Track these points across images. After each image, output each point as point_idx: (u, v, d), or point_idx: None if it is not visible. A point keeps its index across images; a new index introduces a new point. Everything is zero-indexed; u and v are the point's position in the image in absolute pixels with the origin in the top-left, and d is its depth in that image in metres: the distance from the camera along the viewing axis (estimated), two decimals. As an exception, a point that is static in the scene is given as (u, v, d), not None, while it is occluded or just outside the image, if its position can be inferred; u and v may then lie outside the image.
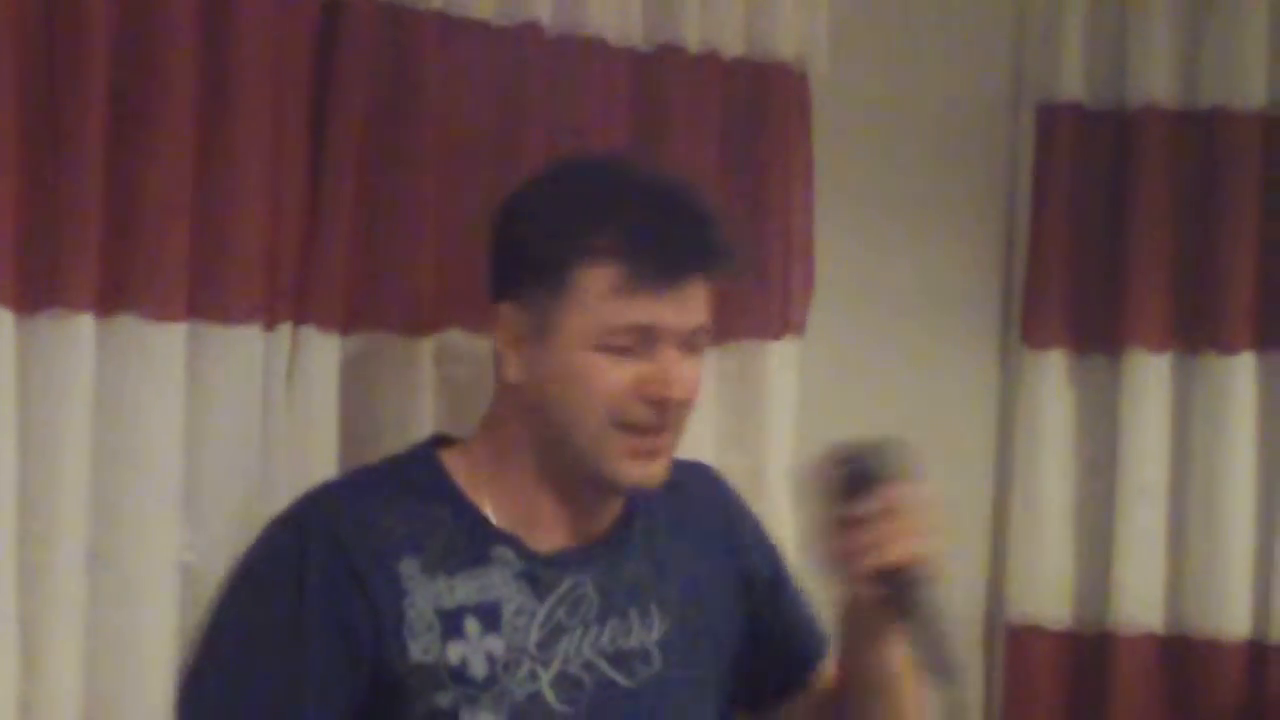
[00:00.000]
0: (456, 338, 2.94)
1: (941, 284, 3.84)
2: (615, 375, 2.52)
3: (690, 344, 2.56)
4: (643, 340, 2.54)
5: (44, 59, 2.53)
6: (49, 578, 2.55)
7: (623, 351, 2.54)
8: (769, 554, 2.86)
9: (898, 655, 2.59)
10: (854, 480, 2.53)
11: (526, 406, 2.59)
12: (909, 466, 2.57)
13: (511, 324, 2.55)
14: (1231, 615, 3.70)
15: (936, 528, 2.53)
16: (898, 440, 2.60)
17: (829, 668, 2.79)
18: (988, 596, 3.88)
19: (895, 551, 2.48)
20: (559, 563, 2.64)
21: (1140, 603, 3.72)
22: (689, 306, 2.56)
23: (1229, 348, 3.66)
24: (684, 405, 2.56)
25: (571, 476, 2.61)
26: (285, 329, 2.78)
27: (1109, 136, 3.78)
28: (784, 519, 3.21)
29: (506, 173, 2.87)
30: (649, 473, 2.59)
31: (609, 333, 2.53)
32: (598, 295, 2.53)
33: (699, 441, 2.99)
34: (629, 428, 2.53)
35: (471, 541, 2.59)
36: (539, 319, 2.55)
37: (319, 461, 2.82)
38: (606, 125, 3.11)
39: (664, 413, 2.54)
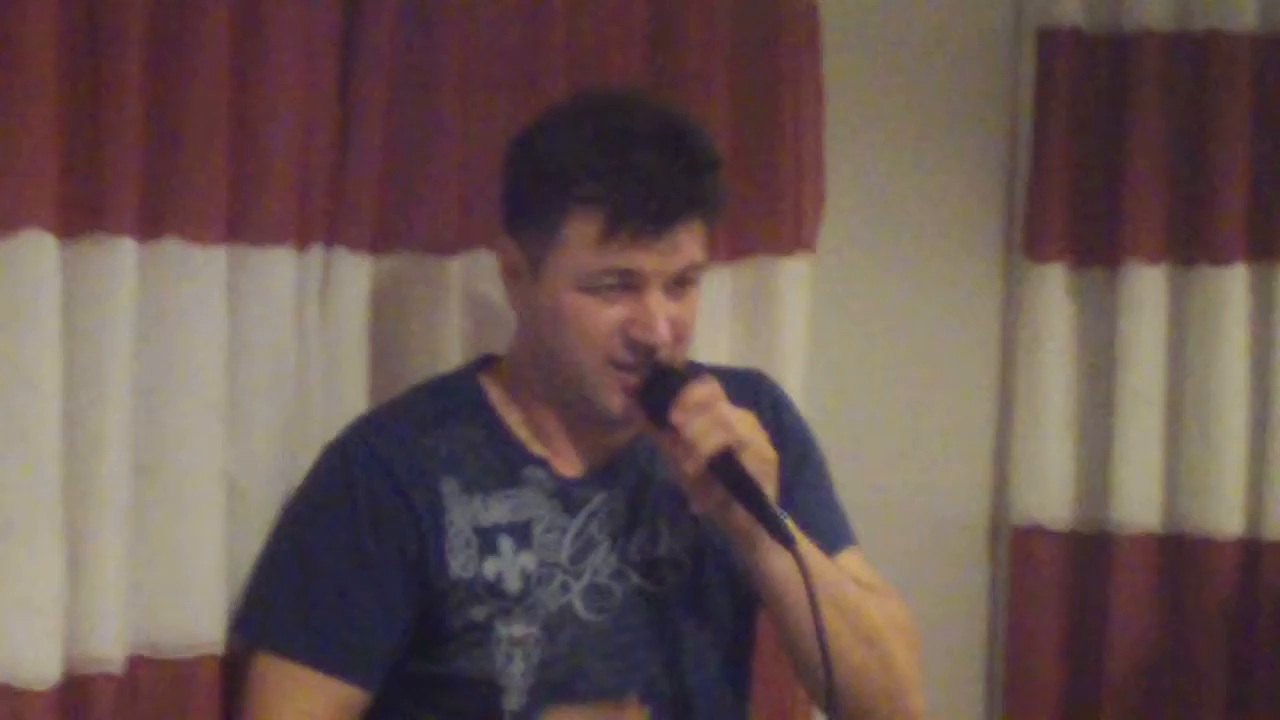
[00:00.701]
0: (484, 257, 2.91)
1: (947, 202, 3.84)
2: (603, 316, 2.55)
3: (679, 281, 2.58)
4: (626, 283, 2.56)
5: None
6: (96, 488, 2.56)
7: (609, 292, 2.56)
8: (793, 451, 2.82)
9: (774, 561, 2.60)
10: (654, 409, 2.57)
11: (531, 337, 2.65)
12: (686, 374, 2.59)
13: (510, 258, 2.61)
14: (1225, 514, 3.69)
15: (728, 415, 2.54)
16: (670, 363, 2.63)
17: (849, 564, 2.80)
18: (993, 500, 3.89)
19: (706, 446, 2.49)
20: (589, 481, 2.67)
21: (1138, 503, 3.72)
22: (674, 250, 2.58)
23: (1222, 259, 3.66)
24: (671, 345, 2.58)
25: (574, 404, 2.64)
26: (318, 250, 2.78)
27: (1106, 59, 3.76)
28: None
29: (527, 98, 2.90)
30: (624, 401, 2.63)
31: (592, 276, 2.56)
32: (581, 240, 2.56)
33: (715, 354, 3.04)
34: (620, 365, 2.56)
35: (505, 463, 2.63)
36: (533, 255, 2.59)
37: (351, 378, 2.85)
38: (624, 54, 3.10)
39: (650, 354, 2.56)
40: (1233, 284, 3.66)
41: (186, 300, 2.63)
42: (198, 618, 2.65)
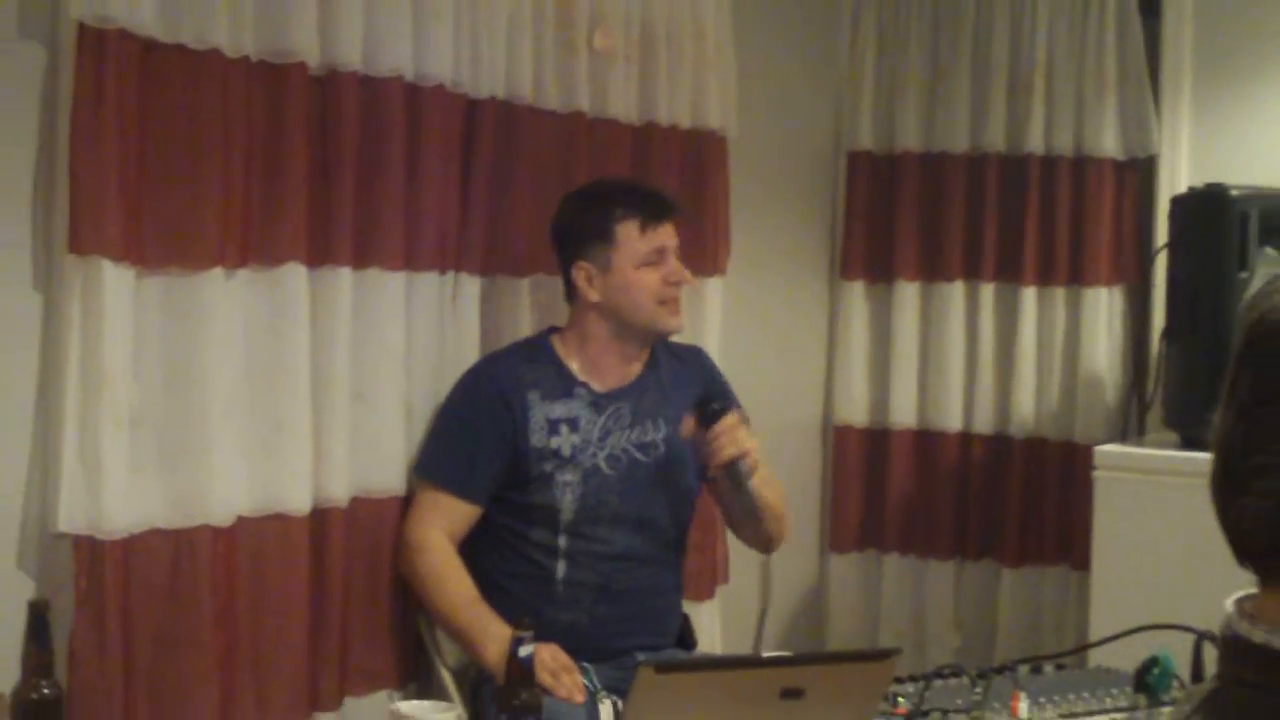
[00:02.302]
0: (542, 278, 3.63)
1: (798, 247, 4.87)
2: (653, 277, 3.29)
3: (679, 255, 3.34)
4: (659, 256, 3.29)
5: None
6: (332, 404, 3.13)
7: (651, 264, 3.28)
8: (724, 392, 3.54)
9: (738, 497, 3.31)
10: (706, 419, 3.25)
11: (608, 310, 3.31)
12: (730, 410, 3.25)
13: (586, 271, 3.32)
14: (951, 415, 4.72)
15: (744, 440, 3.21)
16: (724, 399, 3.30)
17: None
18: (823, 411, 4.93)
19: (723, 454, 3.22)
20: (611, 395, 3.37)
21: (904, 411, 4.76)
22: (672, 235, 3.32)
23: (949, 277, 4.69)
24: (683, 283, 3.34)
25: (633, 340, 3.33)
26: (450, 274, 3.44)
27: (885, 168, 4.74)
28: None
29: (562, 186, 3.55)
30: (679, 321, 3.39)
31: (642, 256, 3.28)
32: (629, 237, 3.27)
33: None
34: (663, 302, 3.30)
35: (563, 384, 3.35)
36: (603, 262, 3.29)
37: (468, 347, 3.49)
38: (619, 161, 3.81)
39: (678, 287, 3.32)
40: (953, 295, 4.69)
41: (379, 305, 3.23)
42: (389, 476, 3.30)
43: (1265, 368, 1.36)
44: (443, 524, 3.26)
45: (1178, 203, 4.17)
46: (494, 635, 3.09)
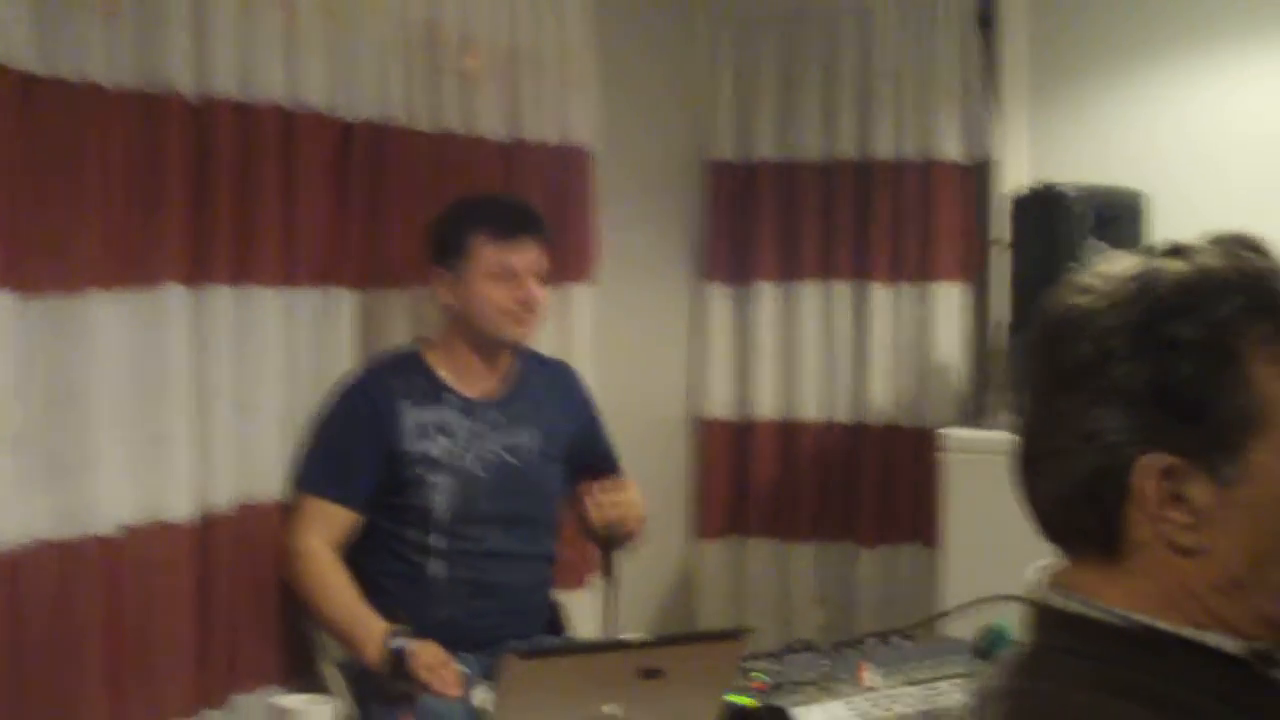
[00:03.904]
0: (417, 290, 3.60)
1: (662, 254, 4.88)
2: (501, 291, 3.28)
3: (537, 275, 3.32)
4: (508, 272, 3.27)
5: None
6: (212, 420, 3.13)
7: (500, 279, 3.27)
8: (591, 411, 3.61)
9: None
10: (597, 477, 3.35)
11: (460, 317, 3.32)
12: (620, 476, 3.37)
13: (443, 278, 3.32)
14: (810, 406, 4.71)
15: (636, 508, 3.29)
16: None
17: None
18: (690, 406, 4.92)
19: (608, 516, 3.31)
20: (480, 401, 3.37)
21: (767, 404, 4.78)
22: (529, 255, 3.31)
23: (805, 277, 4.70)
24: (533, 303, 3.31)
25: (487, 347, 3.32)
26: (328, 290, 3.43)
27: (742, 176, 4.76)
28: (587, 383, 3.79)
29: (437, 203, 3.51)
30: (524, 331, 3.36)
31: (491, 271, 3.27)
32: (481, 251, 3.27)
33: (540, 337, 3.60)
34: (507, 312, 3.28)
35: (433, 390, 3.34)
36: (457, 272, 3.30)
37: (347, 358, 3.49)
38: (489, 179, 3.80)
39: (523, 305, 3.28)
40: (809, 293, 4.68)
41: (263, 323, 3.24)
42: (271, 484, 3.27)
43: (1055, 359, 1.38)
44: (322, 531, 3.25)
45: (1017, 202, 4.21)
46: (375, 634, 3.10)
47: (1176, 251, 1.39)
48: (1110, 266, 1.40)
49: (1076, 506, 1.38)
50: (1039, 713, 1.33)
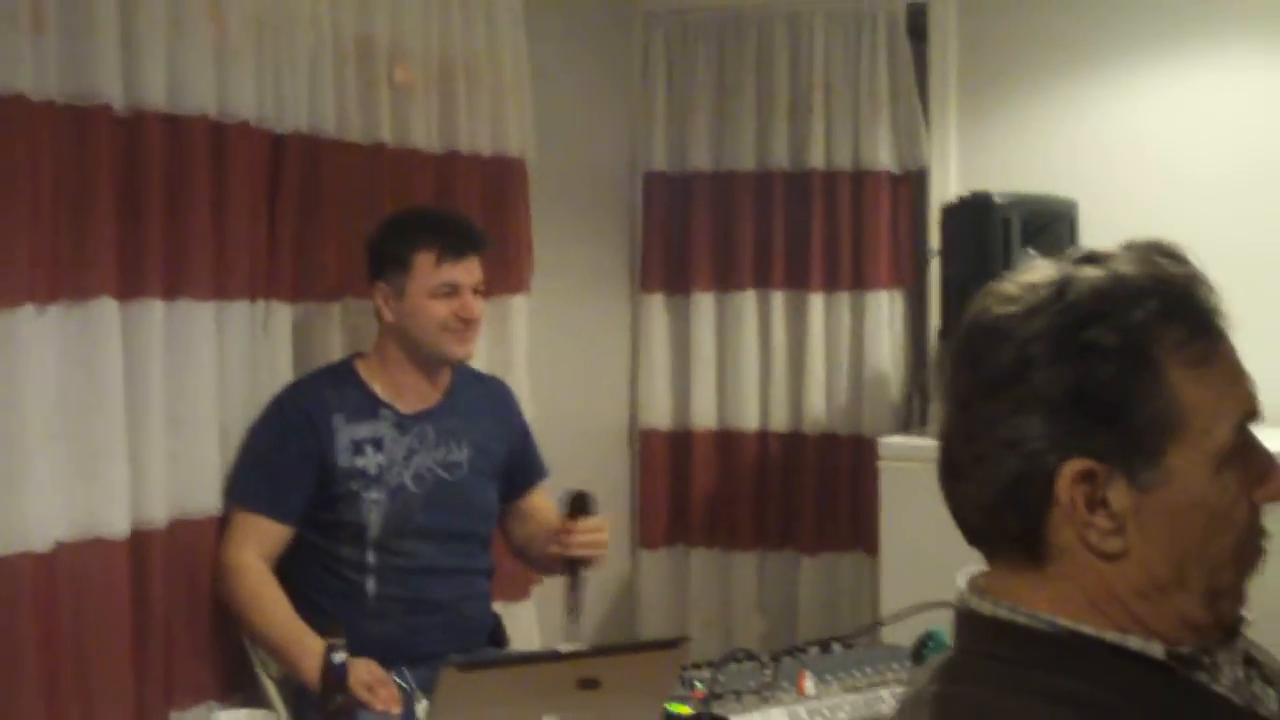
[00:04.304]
0: (351, 303, 3.62)
1: (599, 265, 4.89)
2: (443, 308, 3.26)
3: (476, 290, 3.31)
4: (451, 290, 3.26)
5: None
6: (145, 435, 3.10)
7: (443, 296, 3.26)
8: (524, 426, 3.62)
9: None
10: (573, 507, 3.31)
11: (399, 332, 3.31)
12: (597, 507, 3.31)
13: (384, 293, 3.31)
14: (749, 415, 4.74)
15: (597, 541, 3.26)
16: (591, 493, 3.31)
17: (540, 494, 3.58)
18: (629, 416, 4.91)
19: (580, 551, 3.29)
20: (415, 417, 3.35)
21: (703, 414, 4.79)
22: (472, 271, 3.30)
23: (741, 287, 4.75)
24: (474, 320, 3.31)
25: (425, 362, 3.31)
26: (261, 303, 3.41)
27: (679, 187, 4.80)
28: (520, 398, 3.78)
29: (371, 215, 3.53)
30: (467, 350, 3.36)
31: (434, 288, 3.26)
32: (425, 268, 3.26)
33: (477, 349, 3.56)
34: (450, 330, 3.27)
35: (368, 405, 3.33)
36: (398, 286, 3.29)
37: (281, 371, 3.47)
38: (423, 192, 3.82)
39: (465, 322, 3.28)
40: (746, 303, 4.74)
41: (198, 336, 3.22)
42: (206, 498, 3.25)
43: (977, 366, 1.39)
44: (256, 546, 3.23)
45: (947, 210, 4.26)
46: (310, 650, 3.06)
47: (1092, 259, 1.41)
48: (1029, 274, 1.42)
49: (1000, 512, 1.39)
50: (962, 717, 1.34)
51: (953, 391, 1.44)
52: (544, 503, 3.60)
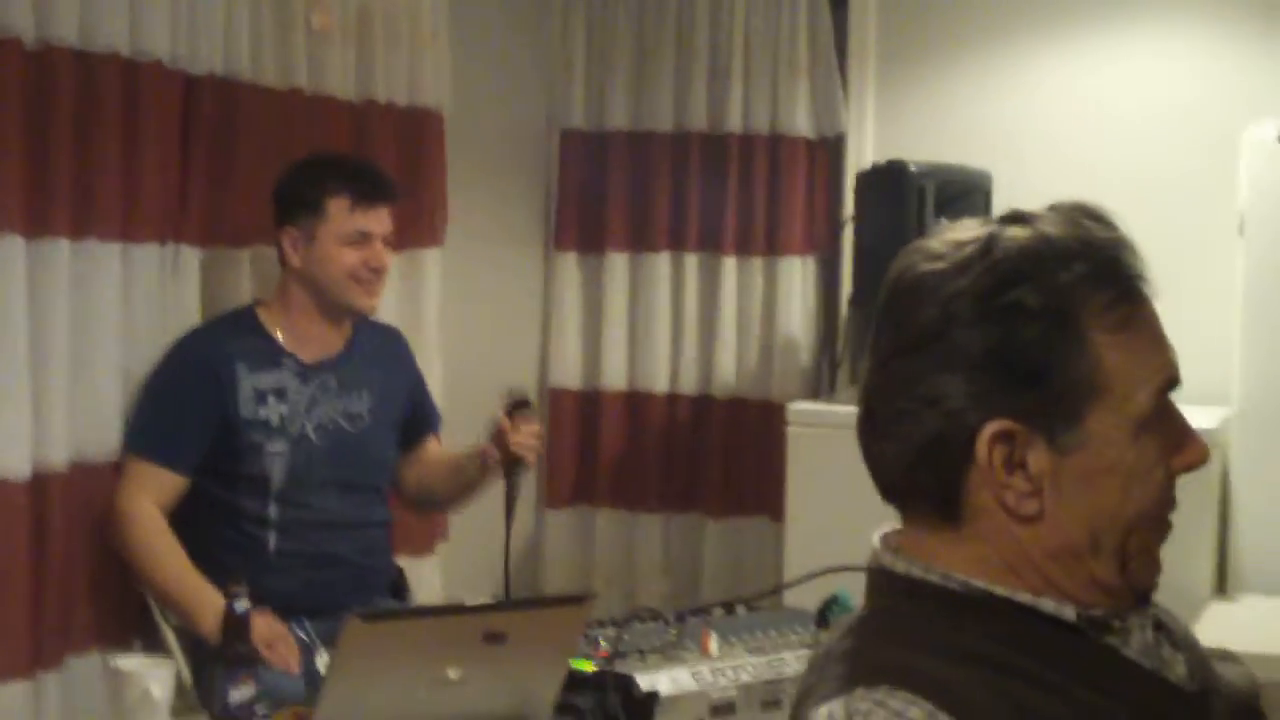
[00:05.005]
0: (262, 249, 3.59)
1: (515, 220, 4.91)
2: (354, 256, 3.29)
3: (386, 241, 3.34)
4: (363, 238, 3.28)
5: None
6: (47, 377, 3.07)
7: (354, 243, 3.27)
8: (417, 373, 3.64)
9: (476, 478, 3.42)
10: (514, 407, 3.34)
11: (306, 279, 3.30)
12: (534, 408, 3.40)
13: (292, 237, 3.29)
14: (659, 377, 4.73)
15: (536, 441, 3.31)
16: (525, 393, 3.39)
17: (433, 442, 3.61)
18: (539, 375, 4.92)
19: (521, 451, 3.31)
20: (317, 366, 3.36)
21: (612, 374, 4.79)
22: (384, 221, 3.32)
23: (655, 248, 4.75)
24: (384, 270, 3.35)
25: (330, 311, 3.32)
26: (170, 246, 3.40)
27: (594, 145, 4.79)
28: (430, 352, 3.97)
29: (283, 158, 3.52)
30: (374, 302, 3.38)
31: (346, 235, 3.28)
32: (337, 214, 3.27)
33: (388, 302, 3.67)
34: (359, 281, 3.29)
35: (270, 354, 3.32)
36: (308, 231, 3.28)
37: (189, 316, 3.46)
38: (337, 141, 3.79)
39: (374, 272, 3.31)
40: (659, 265, 4.73)
41: (106, 278, 3.19)
42: (108, 442, 3.23)
43: (901, 322, 1.40)
44: (151, 495, 3.19)
45: (862, 178, 4.29)
46: (208, 604, 3.04)
47: (1019, 219, 1.41)
48: (955, 233, 1.42)
49: (917, 470, 1.39)
50: (867, 673, 1.34)
51: (875, 348, 1.44)
52: (437, 449, 3.60)
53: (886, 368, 1.42)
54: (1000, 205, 4.13)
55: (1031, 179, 4.33)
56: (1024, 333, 1.34)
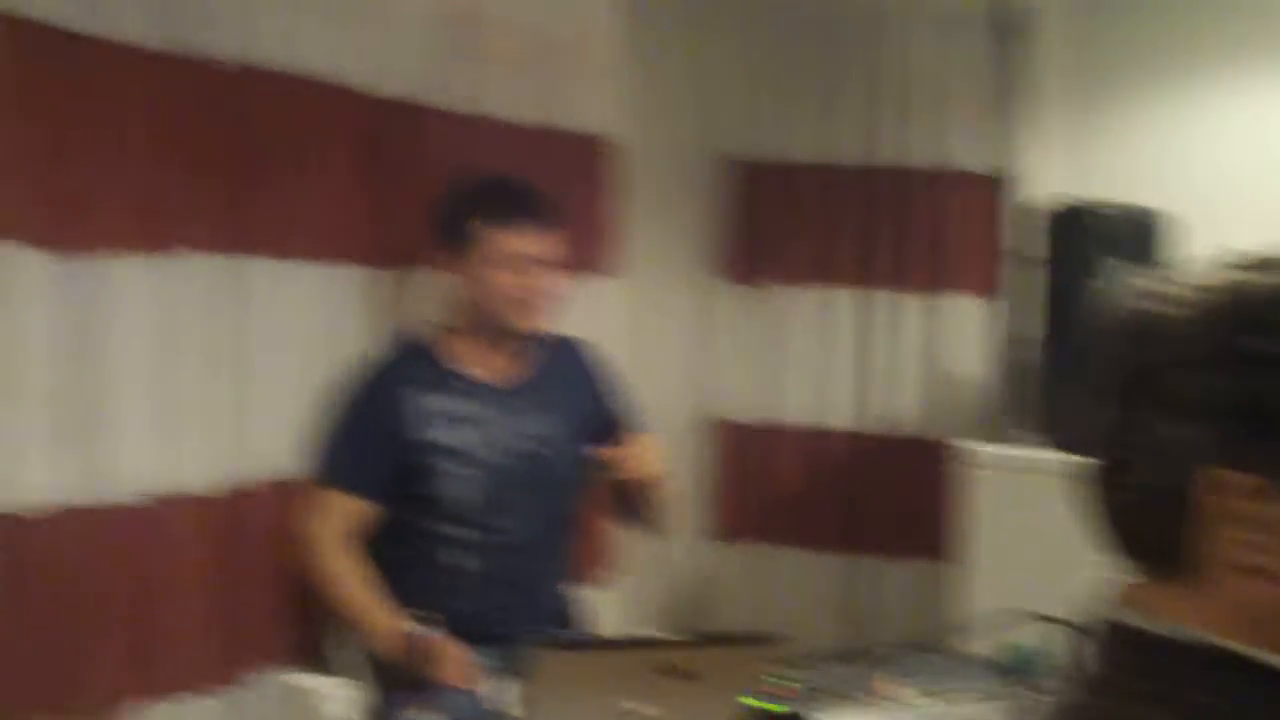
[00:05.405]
0: (433, 272, 3.48)
1: (686, 253, 4.87)
2: (506, 278, 3.23)
3: (544, 263, 3.25)
4: (516, 260, 3.22)
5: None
6: (235, 395, 3.14)
7: (504, 266, 3.22)
8: (599, 377, 3.54)
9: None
10: (607, 433, 3.30)
11: (468, 303, 3.28)
12: (631, 427, 3.36)
13: (449, 261, 3.27)
14: (825, 413, 4.72)
15: (658, 461, 3.25)
16: (613, 395, 3.36)
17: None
18: (703, 405, 4.86)
19: (639, 471, 3.26)
20: (492, 388, 3.32)
21: (794, 408, 4.74)
22: (537, 243, 3.25)
23: (830, 283, 4.68)
24: (539, 292, 3.24)
25: (495, 333, 3.28)
26: (349, 267, 3.40)
27: (765, 181, 4.75)
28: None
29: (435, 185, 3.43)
30: (531, 323, 3.30)
31: (495, 258, 3.22)
32: (487, 237, 3.22)
33: (569, 325, 3.59)
34: (513, 302, 3.23)
35: (441, 377, 3.30)
36: (463, 255, 3.23)
37: (363, 337, 3.46)
38: (514, 167, 3.62)
39: (529, 294, 3.24)
40: (833, 300, 4.67)
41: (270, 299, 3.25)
42: (289, 463, 3.27)
43: (1133, 367, 1.34)
44: (335, 521, 3.21)
45: (1046, 217, 4.20)
46: (383, 623, 3.06)
47: (1265, 265, 1.36)
48: (1190, 275, 1.37)
49: (1147, 520, 1.34)
50: None
51: (1103, 393, 1.39)
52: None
53: (1115, 414, 1.37)
54: (1179, 249, 4.17)
55: (1219, 223, 4.21)
56: (1268, 384, 1.29)
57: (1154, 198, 4.29)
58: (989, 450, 4.16)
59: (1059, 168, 4.57)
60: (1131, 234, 4.14)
